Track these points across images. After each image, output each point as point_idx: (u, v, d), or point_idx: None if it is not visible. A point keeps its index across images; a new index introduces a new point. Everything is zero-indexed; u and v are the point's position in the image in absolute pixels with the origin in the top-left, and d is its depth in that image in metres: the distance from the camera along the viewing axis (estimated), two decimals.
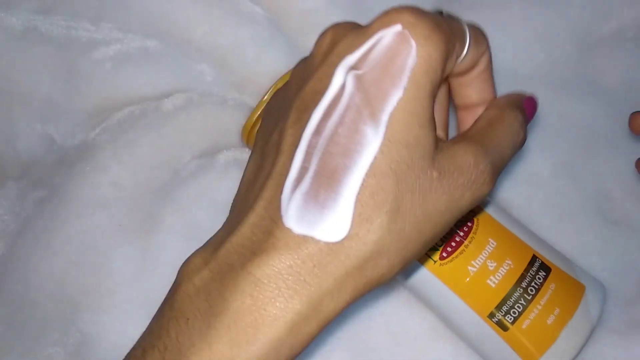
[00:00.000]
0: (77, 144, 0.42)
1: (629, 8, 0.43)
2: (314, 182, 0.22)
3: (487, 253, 0.34)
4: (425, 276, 0.34)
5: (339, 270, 0.22)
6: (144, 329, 0.24)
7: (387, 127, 0.22)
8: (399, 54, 0.22)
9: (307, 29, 0.44)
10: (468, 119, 0.28)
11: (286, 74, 0.39)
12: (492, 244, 0.34)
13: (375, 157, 0.22)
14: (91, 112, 0.43)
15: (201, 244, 0.25)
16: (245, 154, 0.42)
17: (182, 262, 0.25)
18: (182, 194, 0.41)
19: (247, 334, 0.21)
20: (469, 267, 0.33)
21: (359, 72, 0.23)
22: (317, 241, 0.22)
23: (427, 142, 0.23)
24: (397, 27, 0.23)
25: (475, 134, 0.25)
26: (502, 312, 0.33)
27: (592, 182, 0.40)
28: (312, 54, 0.25)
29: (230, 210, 0.26)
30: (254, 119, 0.38)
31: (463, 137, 0.25)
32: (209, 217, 0.40)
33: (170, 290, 0.24)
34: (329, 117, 0.23)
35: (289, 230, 0.22)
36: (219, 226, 0.25)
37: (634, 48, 0.43)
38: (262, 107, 0.38)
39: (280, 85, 0.38)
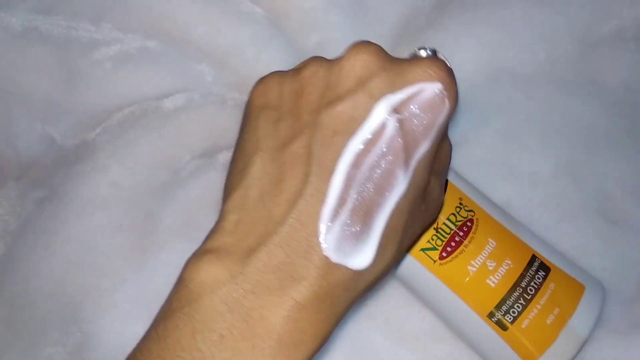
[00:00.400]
0: (78, 144, 0.42)
1: (629, 8, 0.43)
2: (352, 216, 0.24)
3: (486, 253, 0.34)
4: (425, 276, 0.34)
5: (357, 293, 0.25)
6: (148, 334, 0.24)
7: (413, 173, 0.25)
8: (436, 110, 0.25)
9: (307, 28, 0.44)
10: None
11: None
12: (492, 243, 0.34)
13: (400, 198, 0.24)
14: (91, 112, 0.43)
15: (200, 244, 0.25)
16: None
17: (184, 262, 0.24)
18: (182, 194, 0.41)
19: (289, 352, 0.23)
20: (469, 267, 0.33)
21: (401, 116, 0.25)
22: (347, 269, 0.24)
23: (427, 184, 0.26)
24: (438, 86, 0.25)
25: (437, 169, 0.28)
26: (501, 312, 0.33)
27: (592, 182, 0.40)
28: (340, 70, 0.26)
29: (231, 207, 0.25)
30: None
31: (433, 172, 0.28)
32: (209, 217, 0.40)
33: (180, 297, 0.24)
34: (367, 153, 0.24)
35: (326, 258, 0.23)
36: None
37: (634, 48, 0.43)
38: None
39: None
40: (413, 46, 0.44)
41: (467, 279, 0.33)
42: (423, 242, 0.34)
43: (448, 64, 0.26)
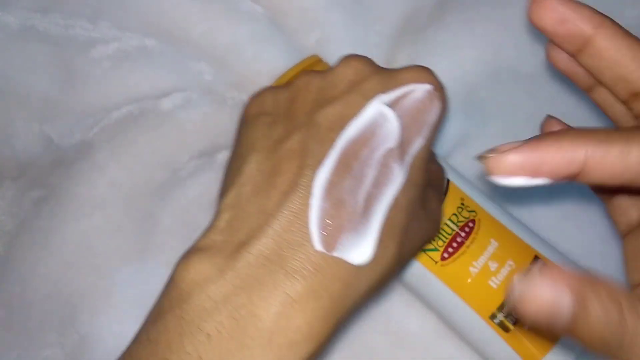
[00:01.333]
0: (75, 143, 0.42)
1: (631, 8, 0.43)
2: (349, 206, 0.23)
3: (488, 254, 0.33)
4: (427, 277, 0.34)
5: (359, 292, 0.24)
6: (139, 337, 0.23)
7: (409, 168, 0.25)
8: (426, 109, 0.26)
9: (307, 27, 0.44)
10: None
11: (286, 72, 0.39)
12: (494, 244, 0.34)
13: (398, 192, 0.24)
14: (89, 111, 0.43)
15: None
16: None
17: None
18: (180, 194, 0.41)
19: (281, 353, 0.22)
20: (471, 268, 0.33)
21: (394, 112, 0.25)
22: (345, 263, 0.23)
23: (424, 185, 0.26)
24: (428, 87, 0.26)
25: (432, 181, 0.29)
26: (503, 314, 0.33)
27: None
28: (333, 76, 0.26)
29: (225, 206, 0.25)
30: None
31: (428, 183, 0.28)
32: (208, 217, 0.39)
33: (170, 297, 0.23)
34: (362, 146, 0.24)
35: (322, 250, 0.23)
36: None
37: None
38: None
39: (280, 84, 0.38)
40: (414, 45, 0.44)
41: (469, 280, 0.33)
42: None
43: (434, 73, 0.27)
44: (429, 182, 0.28)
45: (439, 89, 0.26)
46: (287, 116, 0.26)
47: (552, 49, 0.26)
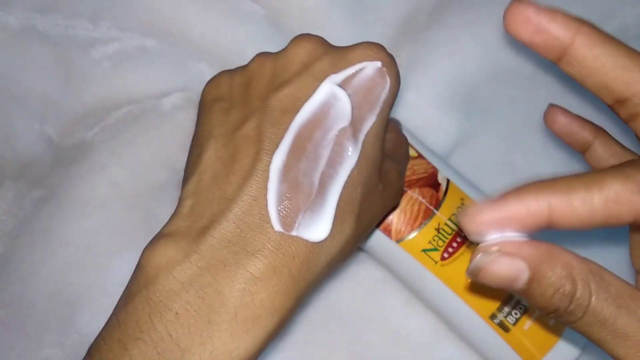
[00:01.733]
0: (75, 143, 0.42)
1: (631, 7, 0.43)
2: (304, 187, 0.24)
3: None
4: (427, 277, 0.34)
5: (319, 267, 0.25)
6: (110, 321, 0.24)
7: (362, 146, 0.26)
8: (377, 86, 0.26)
9: (306, 27, 0.44)
10: None
11: None
12: None
13: (352, 170, 0.25)
14: (89, 112, 0.43)
15: None
16: None
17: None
18: None
19: (247, 327, 0.23)
20: None
21: (345, 92, 0.26)
22: (304, 241, 0.24)
23: (380, 160, 0.27)
24: (378, 64, 0.26)
25: (390, 153, 0.30)
26: (503, 314, 0.33)
27: None
28: (285, 58, 0.27)
29: (187, 193, 0.26)
30: None
31: (386, 155, 0.29)
32: None
33: (138, 281, 0.24)
34: (315, 127, 0.25)
35: (280, 230, 0.24)
36: None
37: (636, 47, 0.43)
38: None
39: None
40: (414, 45, 0.44)
41: (469, 280, 0.33)
42: (424, 243, 0.34)
43: (385, 48, 0.27)
44: (387, 155, 0.29)
45: (390, 64, 0.27)
46: (242, 101, 0.27)
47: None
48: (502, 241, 0.21)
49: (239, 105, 0.27)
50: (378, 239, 0.35)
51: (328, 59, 0.26)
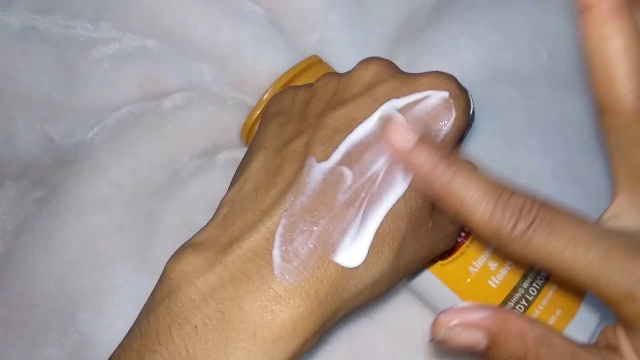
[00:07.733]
0: (76, 143, 0.42)
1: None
2: (344, 209, 0.23)
3: (488, 254, 0.33)
4: (426, 276, 0.34)
5: (347, 294, 0.23)
6: (132, 330, 0.24)
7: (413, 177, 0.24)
8: (441, 117, 0.25)
9: (307, 28, 0.44)
10: None
11: (286, 73, 0.39)
12: None
13: (398, 200, 0.24)
14: (90, 112, 0.43)
15: None
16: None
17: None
18: (181, 194, 0.41)
19: (266, 347, 0.22)
20: (470, 268, 0.33)
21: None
22: (336, 264, 0.23)
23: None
24: (445, 94, 0.25)
25: None
26: None
27: (592, 182, 0.40)
28: (350, 79, 0.26)
29: (226, 200, 0.25)
30: (254, 118, 0.38)
31: None
32: (209, 217, 0.40)
33: (161, 289, 0.23)
34: (366, 150, 0.24)
35: (312, 250, 0.23)
36: None
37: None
38: (262, 106, 0.38)
39: (280, 84, 0.38)
40: (413, 47, 0.44)
41: (469, 279, 0.33)
42: None
43: (456, 79, 0.26)
44: None
45: (459, 97, 0.25)
46: (299, 117, 0.27)
47: None
48: (463, 315, 0.23)
49: (296, 120, 0.26)
50: None
51: (392, 83, 0.25)
